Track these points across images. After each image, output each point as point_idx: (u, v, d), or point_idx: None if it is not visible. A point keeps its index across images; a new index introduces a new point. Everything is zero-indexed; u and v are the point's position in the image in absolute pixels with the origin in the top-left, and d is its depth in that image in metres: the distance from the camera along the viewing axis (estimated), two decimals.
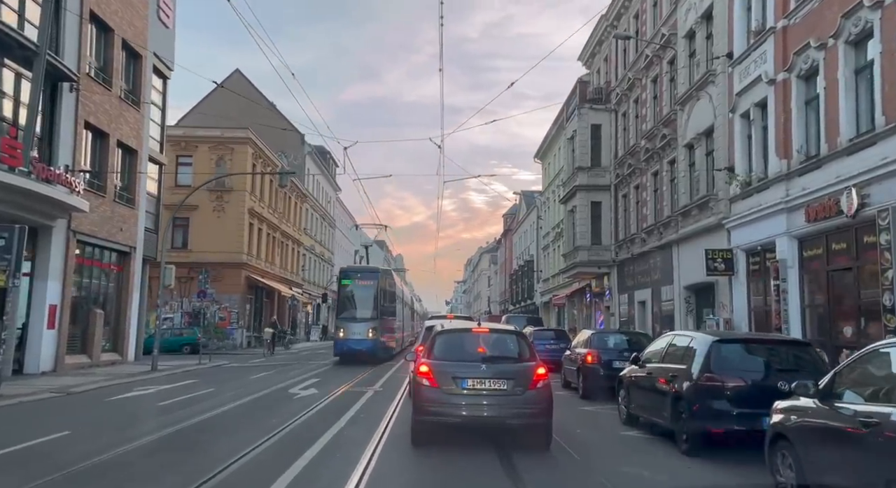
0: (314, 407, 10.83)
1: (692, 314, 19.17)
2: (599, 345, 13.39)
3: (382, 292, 24.33)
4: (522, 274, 50.65)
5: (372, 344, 22.84)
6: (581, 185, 27.82)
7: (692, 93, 18.62)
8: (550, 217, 39.10)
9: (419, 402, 7.56)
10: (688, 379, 7.46)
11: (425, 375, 7.61)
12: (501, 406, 7.42)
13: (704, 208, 17.84)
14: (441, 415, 7.40)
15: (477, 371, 7.53)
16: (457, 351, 8.06)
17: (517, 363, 7.92)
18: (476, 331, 8.38)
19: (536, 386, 7.56)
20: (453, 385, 7.48)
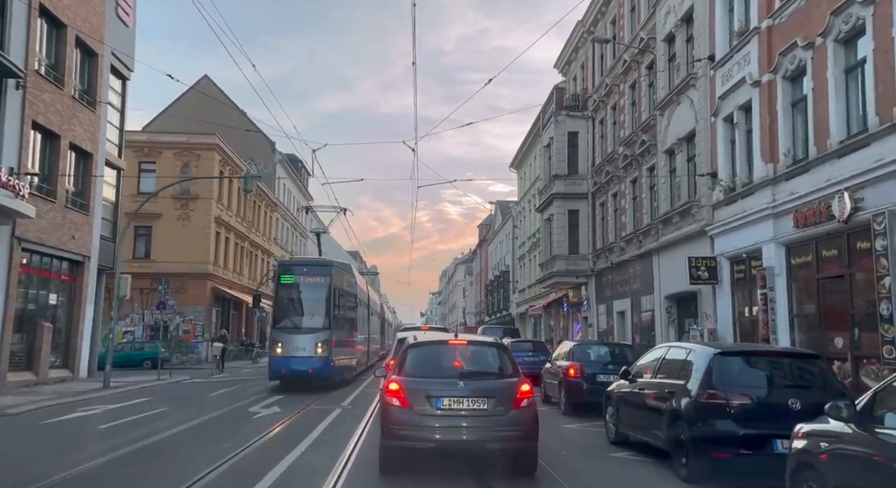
0: (274, 429, 9.87)
1: (674, 324, 18.60)
2: (582, 357, 12.67)
3: (337, 293, 18.12)
4: (498, 284, 49.99)
5: (321, 363, 16.63)
6: (558, 193, 27.29)
7: (672, 97, 18.19)
8: (526, 226, 38.56)
9: (388, 425, 6.70)
10: (687, 396, 6.73)
11: (395, 394, 6.76)
12: (481, 428, 6.59)
13: (686, 215, 17.34)
14: (413, 440, 6.54)
15: (453, 388, 6.71)
16: (431, 366, 7.23)
17: (498, 379, 7.11)
18: (452, 343, 7.55)
19: (520, 405, 6.76)
20: (427, 404, 6.64)
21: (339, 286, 18.31)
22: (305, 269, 18.19)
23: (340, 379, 17.78)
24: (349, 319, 19.77)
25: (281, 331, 17.27)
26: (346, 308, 19.42)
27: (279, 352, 16.78)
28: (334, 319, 17.47)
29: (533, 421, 6.76)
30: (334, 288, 17.74)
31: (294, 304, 17.60)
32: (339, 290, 18.25)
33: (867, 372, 10.58)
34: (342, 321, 18.60)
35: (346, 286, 19.35)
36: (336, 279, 18.13)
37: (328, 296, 17.47)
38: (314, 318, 17.26)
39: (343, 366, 18.22)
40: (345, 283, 19.26)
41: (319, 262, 19.77)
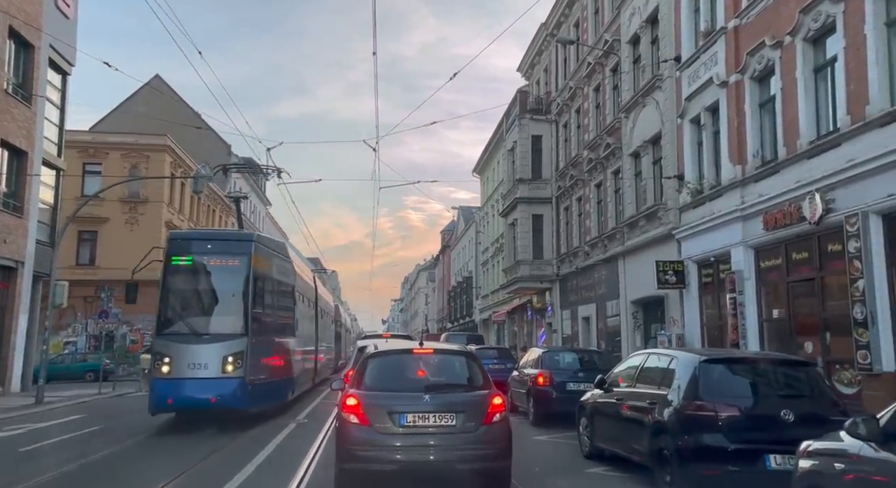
0: (217, 448, 9.00)
1: (640, 330, 18.33)
2: (551, 364, 12.15)
3: (262, 282, 12.40)
4: (461, 291, 49.46)
5: (232, 387, 11.04)
6: (522, 198, 26.93)
7: (637, 99, 17.98)
8: (490, 232, 38.18)
9: (345, 445, 5.99)
10: (670, 407, 6.23)
11: (353, 410, 6.06)
12: (449, 447, 5.95)
13: (652, 218, 17.09)
14: (372, 461, 5.85)
15: (419, 403, 6.06)
16: (394, 378, 6.56)
17: (468, 392, 6.48)
18: (417, 352, 6.89)
19: (492, 421, 6.14)
20: (389, 421, 5.97)
21: (264, 272, 12.33)
22: (210, 246, 12.02)
23: (268, 406, 12.13)
24: (282, 321, 13.59)
25: (168, 340, 11.22)
26: (278, 305, 13.28)
27: (165, 371, 10.91)
28: (256, 321, 11.64)
29: (506, 438, 6.16)
30: (257, 274, 11.84)
31: (191, 299, 11.78)
32: (264, 278, 12.32)
33: (840, 377, 10.35)
34: (270, 324, 12.62)
35: (276, 273, 13.14)
36: (260, 261, 12.13)
37: (246, 285, 11.54)
38: (222, 319, 11.49)
39: (270, 388, 12.23)
40: (275, 269, 13.04)
41: (233, 236, 13.40)
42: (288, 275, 14.17)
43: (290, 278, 14.31)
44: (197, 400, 10.81)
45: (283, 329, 13.76)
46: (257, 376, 11.54)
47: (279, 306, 13.46)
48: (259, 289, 12.03)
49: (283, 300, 13.79)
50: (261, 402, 11.80)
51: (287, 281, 14.07)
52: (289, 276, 14.25)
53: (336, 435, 6.28)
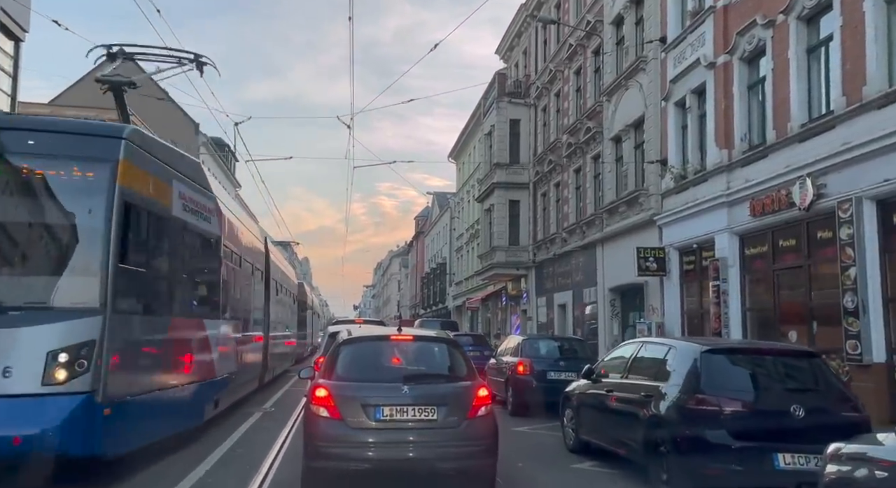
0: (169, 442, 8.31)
1: (617, 318, 18.04)
2: (531, 353, 11.70)
3: (147, 215, 6.93)
4: (434, 277, 48.98)
5: (65, 415, 5.47)
6: (499, 183, 26.44)
7: (620, 82, 17.53)
8: (465, 217, 37.66)
9: (314, 441, 5.40)
10: (668, 401, 5.77)
11: (323, 402, 5.47)
12: (430, 443, 5.41)
13: (633, 204, 16.73)
14: (345, 459, 5.28)
15: (396, 395, 5.50)
16: (368, 367, 5.98)
17: (451, 382, 5.94)
18: (395, 339, 6.31)
19: (477, 414, 5.62)
20: (363, 415, 5.40)
21: (151, 199, 6.99)
22: (36, 140, 6.39)
23: (158, 440, 7.01)
24: (191, 290, 8.52)
25: None
26: (185, 262, 8.09)
27: None
28: (129, 284, 6.46)
29: (492, 434, 5.64)
30: (133, 199, 6.52)
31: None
32: (151, 209, 7.03)
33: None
34: (165, 292, 7.55)
35: (179, 206, 7.71)
36: (140, 179, 6.76)
37: (108, 217, 6.17)
38: (50, 281, 6.12)
39: (161, 409, 7.16)
40: (176, 198, 7.63)
41: (86, 128, 6.89)
42: (206, 215, 8.45)
43: (209, 221, 8.56)
44: None
45: (195, 302, 8.39)
46: (128, 389, 6.25)
47: (187, 264, 8.01)
48: (138, 228, 6.63)
49: (195, 255, 8.32)
50: (139, 438, 6.48)
51: (203, 225, 8.33)
52: (207, 218, 8.50)
53: (304, 430, 5.69)
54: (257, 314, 12.89)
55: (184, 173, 7.87)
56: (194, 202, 8.05)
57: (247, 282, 11.69)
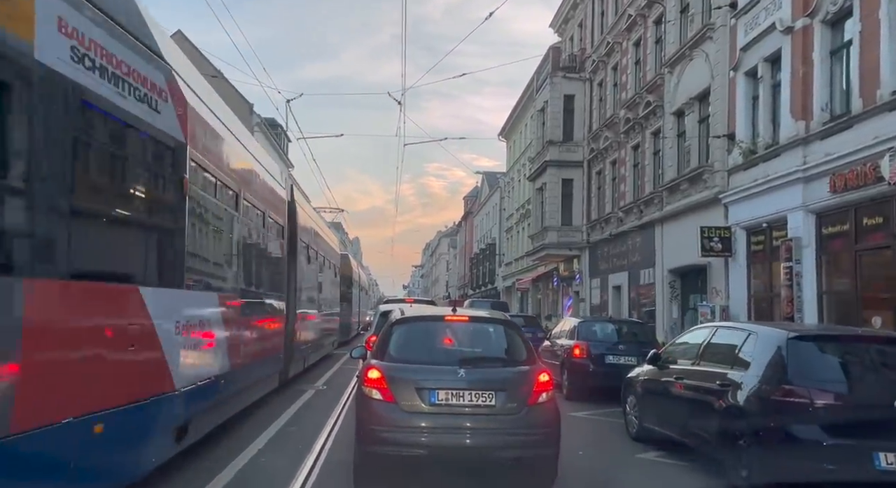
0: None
1: (677, 300, 17.32)
2: (588, 335, 11.24)
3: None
4: (483, 257, 48.62)
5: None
6: (552, 161, 25.72)
7: (684, 52, 16.57)
8: (516, 197, 37.03)
9: (367, 425, 5.17)
10: (748, 392, 5.28)
11: (376, 384, 5.22)
12: (488, 431, 5.11)
13: (696, 182, 15.88)
14: (398, 444, 5.03)
15: (452, 378, 5.20)
16: (422, 349, 5.70)
17: (509, 367, 5.61)
18: (449, 319, 6.00)
19: (538, 401, 5.27)
20: (417, 399, 5.12)
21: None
22: None
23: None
24: (117, 223, 4.44)
25: None
26: (87, 156, 4.05)
27: None
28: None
29: (554, 421, 5.29)
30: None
31: None
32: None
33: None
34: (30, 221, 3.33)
35: (63, 43, 3.53)
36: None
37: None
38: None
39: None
40: (51, 29, 3.43)
41: None
42: (147, 94, 4.54)
43: (155, 109, 4.66)
44: None
45: (115, 253, 4.47)
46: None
47: (89, 175, 4.18)
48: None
49: (113, 159, 4.46)
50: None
51: (139, 110, 4.42)
52: (151, 102, 4.60)
53: (356, 413, 5.46)
54: (271, 284, 9.03)
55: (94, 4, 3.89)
56: (114, 62, 4.06)
57: (248, 234, 7.64)
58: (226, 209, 6.64)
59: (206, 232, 6.18)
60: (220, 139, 6.35)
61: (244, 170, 7.42)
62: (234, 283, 6.96)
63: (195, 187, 5.48)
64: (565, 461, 5.86)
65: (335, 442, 6.83)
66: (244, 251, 7.32)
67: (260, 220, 8.33)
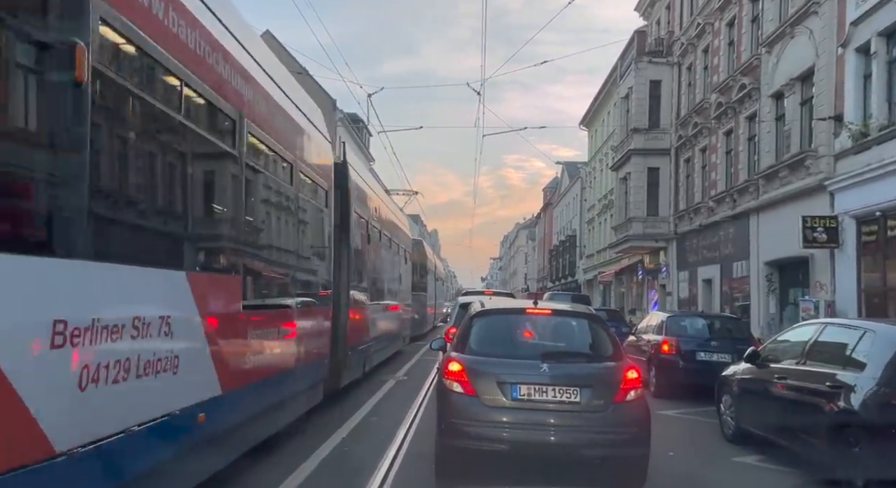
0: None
1: (774, 294, 16.25)
2: (678, 331, 10.73)
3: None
4: (563, 249, 47.76)
5: None
6: (636, 149, 24.81)
7: (785, 30, 15.44)
8: (598, 187, 36.07)
9: (448, 418, 5.10)
10: (864, 395, 4.80)
11: (457, 377, 5.14)
12: (573, 427, 4.92)
13: (797, 168, 14.79)
14: (480, 439, 4.93)
15: (535, 373, 5.04)
16: (504, 342, 5.58)
17: (594, 362, 5.39)
18: (531, 312, 5.83)
19: (625, 398, 5.03)
20: (498, 393, 5.00)
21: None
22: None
23: None
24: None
25: None
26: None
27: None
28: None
29: (644, 420, 5.03)
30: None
31: None
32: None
33: None
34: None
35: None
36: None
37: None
38: None
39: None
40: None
41: None
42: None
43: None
44: None
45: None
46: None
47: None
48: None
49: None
50: None
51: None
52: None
53: (437, 406, 5.41)
54: (305, 265, 6.87)
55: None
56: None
57: (260, 188, 5.42)
58: (210, 130, 4.23)
59: (193, 180, 4.03)
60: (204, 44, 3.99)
61: (248, 90, 4.85)
62: (254, 260, 5.10)
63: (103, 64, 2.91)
64: (655, 462, 5.57)
65: (416, 433, 6.83)
66: (249, 212, 5.07)
67: (285, 173, 5.98)
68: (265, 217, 5.64)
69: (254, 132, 4.94)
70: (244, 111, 4.70)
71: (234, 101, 4.57)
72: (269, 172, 5.56)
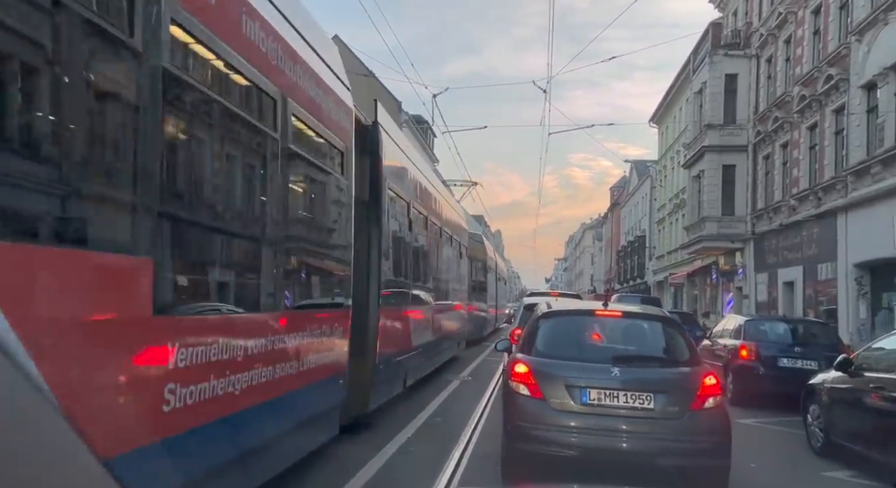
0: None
1: (865, 298, 15.20)
2: (757, 335, 10.16)
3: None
4: (631, 250, 46.51)
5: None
6: (710, 146, 23.81)
7: (877, 16, 14.41)
8: (669, 186, 34.90)
9: (514, 421, 4.97)
10: None
11: (523, 379, 5.00)
12: (647, 435, 4.69)
13: (892, 163, 13.76)
14: (548, 443, 4.77)
15: (605, 377, 4.84)
16: (572, 344, 5.40)
17: (669, 367, 5.14)
18: (601, 314, 5.61)
19: (703, 406, 4.76)
20: (567, 397, 4.83)
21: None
22: None
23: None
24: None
25: None
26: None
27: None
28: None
29: (724, 429, 4.75)
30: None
31: None
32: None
33: None
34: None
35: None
36: None
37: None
38: None
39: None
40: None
41: None
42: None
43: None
44: None
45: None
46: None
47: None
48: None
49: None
50: None
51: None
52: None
53: (503, 408, 5.29)
54: (316, 251, 5.33)
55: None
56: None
57: (239, 139, 3.91)
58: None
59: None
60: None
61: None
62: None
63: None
64: (736, 475, 5.25)
65: (482, 434, 6.72)
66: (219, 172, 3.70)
67: (265, 113, 4.01)
68: (214, 169, 3.66)
69: (239, 68, 3.50)
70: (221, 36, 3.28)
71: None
72: (232, 105, 3.60)
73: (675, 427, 4.66)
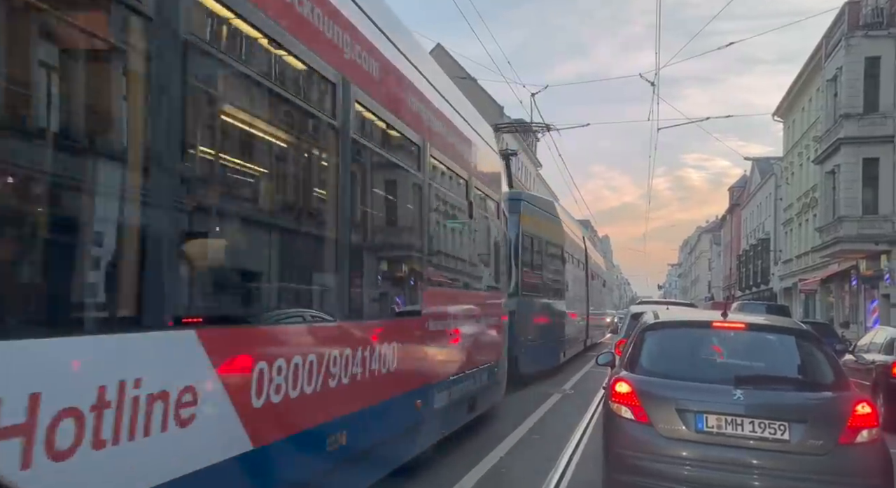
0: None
1: None
2: None
3: None
4: (754, 254, 43.06)
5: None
6: (848, 138, 21.40)
7: None
8: (797, 184, 31.91)
9: (615, 448, 4.32)
10: None
11: (626, 401, 4.34)
12: (781, 473, 3.88)
13: None
14: (654, 476, 4.08)
15: (725, 400, 4.09)
16: (684, 361, 4.64)
17: (809, 391, 4.28)
18: (719, 326, 4.79)
19: (854, 440, 3.88)
20: (679, 423, 4.12)
21: None
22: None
23: None
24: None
25: None
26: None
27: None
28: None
29: (882, 470, 3.87)
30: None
31: None
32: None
33: None
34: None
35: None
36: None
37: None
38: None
39: None
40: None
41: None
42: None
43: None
44: None
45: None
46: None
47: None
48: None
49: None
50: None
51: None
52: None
53: (603, 432, 4.64)
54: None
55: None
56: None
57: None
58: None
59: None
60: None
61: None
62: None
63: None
64: None
65: (583, 456, 6.07)
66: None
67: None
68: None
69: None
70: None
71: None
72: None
73: (820, 465, 3.82)
